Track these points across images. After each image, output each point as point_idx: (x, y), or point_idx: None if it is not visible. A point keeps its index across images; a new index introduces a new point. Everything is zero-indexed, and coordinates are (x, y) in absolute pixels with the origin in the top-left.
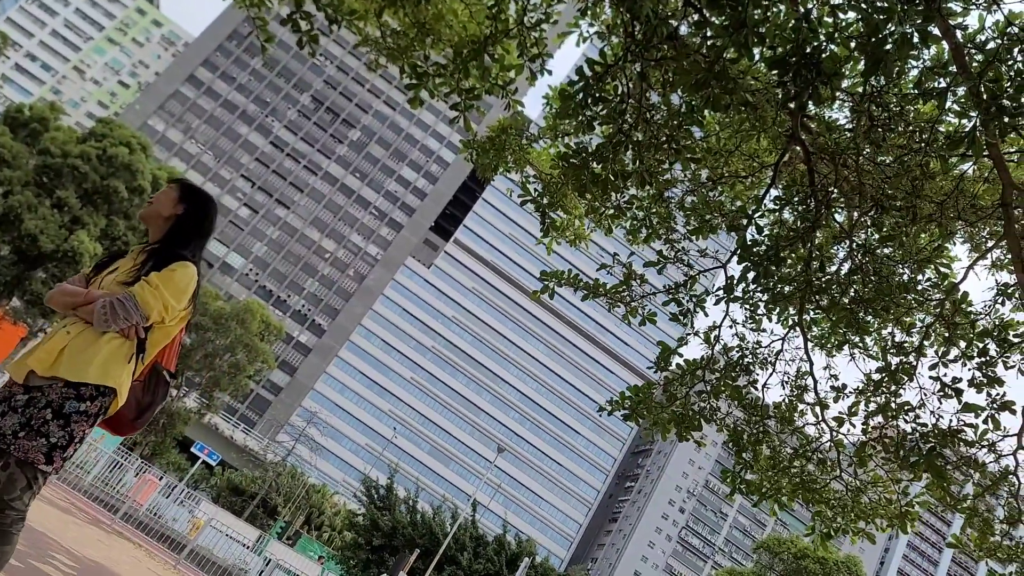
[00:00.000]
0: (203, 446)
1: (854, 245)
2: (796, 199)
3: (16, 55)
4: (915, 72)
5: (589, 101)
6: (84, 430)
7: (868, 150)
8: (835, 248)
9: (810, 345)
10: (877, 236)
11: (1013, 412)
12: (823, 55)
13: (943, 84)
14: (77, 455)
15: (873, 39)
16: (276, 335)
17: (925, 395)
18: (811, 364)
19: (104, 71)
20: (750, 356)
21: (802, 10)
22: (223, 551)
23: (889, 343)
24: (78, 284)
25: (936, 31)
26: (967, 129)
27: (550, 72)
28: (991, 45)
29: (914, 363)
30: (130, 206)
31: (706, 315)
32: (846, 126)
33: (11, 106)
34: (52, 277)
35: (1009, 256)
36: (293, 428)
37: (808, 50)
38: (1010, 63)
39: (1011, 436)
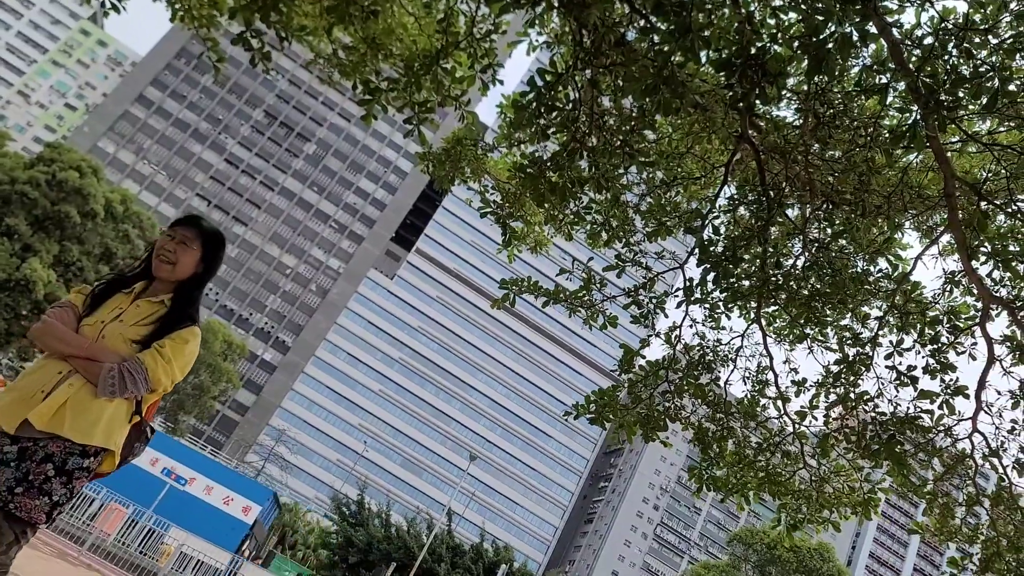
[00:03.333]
0: (169, 471)
1: (808, 240)
2: (749, 197)
3: None
4: (857, 70)
5: (542, 110)
6: (83, 485)
7: (816, 147)
8: (790, 243)
9: (769, 340)
10: (830, 231)
11: (967, 397)
12: (767, 56)
13: (884, 81)
14: None
15: (814, 39)
16: (239, 354)
17: (882, 384)
18: (771, 359)
19: (50, 94)
20: (711, 354)
21: (745, 12)
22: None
23: (846, 335)
24: (69, 319)
25: (874, 29)
26: (908, 123)
27: (501, 82)
28: (928, 41)
29: (870, 353)
30: (83, 231)
31: (666, 316)
32: (794, 124)
33: None
34: (5, 307)
35: (955, 244)
36: (262, 448)
37: (753, 51)
38: (945, 58)
39: (966, 420)
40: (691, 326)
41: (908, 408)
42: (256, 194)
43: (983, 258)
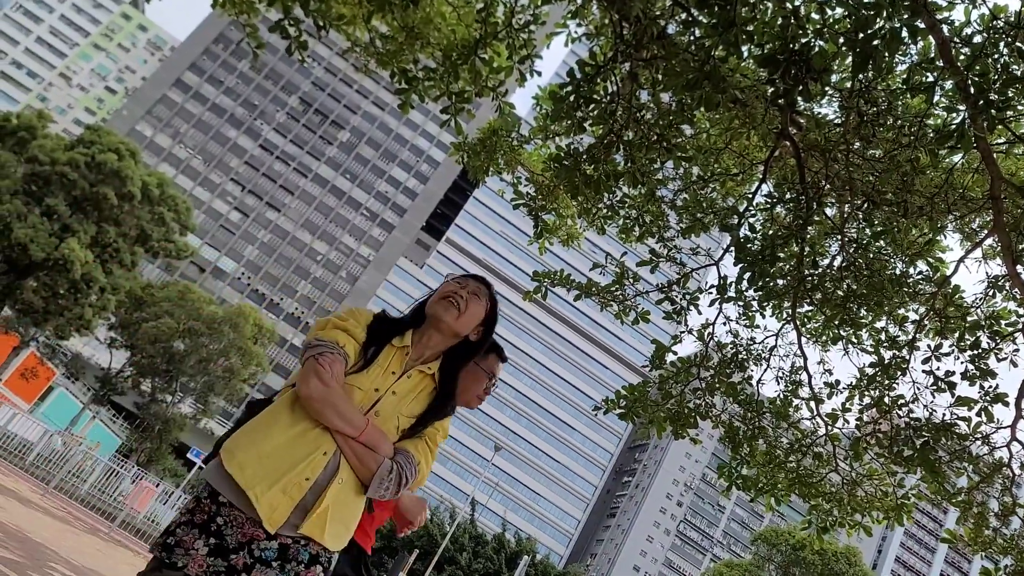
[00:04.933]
0: (199, 451)
1: (846, 240)
2: (787, 196)
3: (2, 63)
4: (903, 67)
5: (580, 102)
6: None
7: (858, 145)
8: (827, 243)
9: (804, 340)
10: (869, 231)
11: (1006, 404)
12: (812, 51)
13: (931, 79)
14: (73, 463)
15: (861, 35)
16: (270, 338)
17: (918, 389)
18: (805, 359)
19: (91, 77)
20: (744, 352)
21: (790, 7)
22: None
23: (882, 337)
24: (340, 373)
25: (923, 25)
26: (955, 123)
27: (539, 73)
28: (977, 39)
29: (907, 357)
30: (120, 213)
31: (699, 313)
32: (835, 121)
33: None
34: (43, 286)
35: (999, 247)
36: None
37: (797, 47)
38: (996, 57)
39: (1005, 428)
40: (724, 323)
41: (944, 414)
42: (290, 180)
43: None
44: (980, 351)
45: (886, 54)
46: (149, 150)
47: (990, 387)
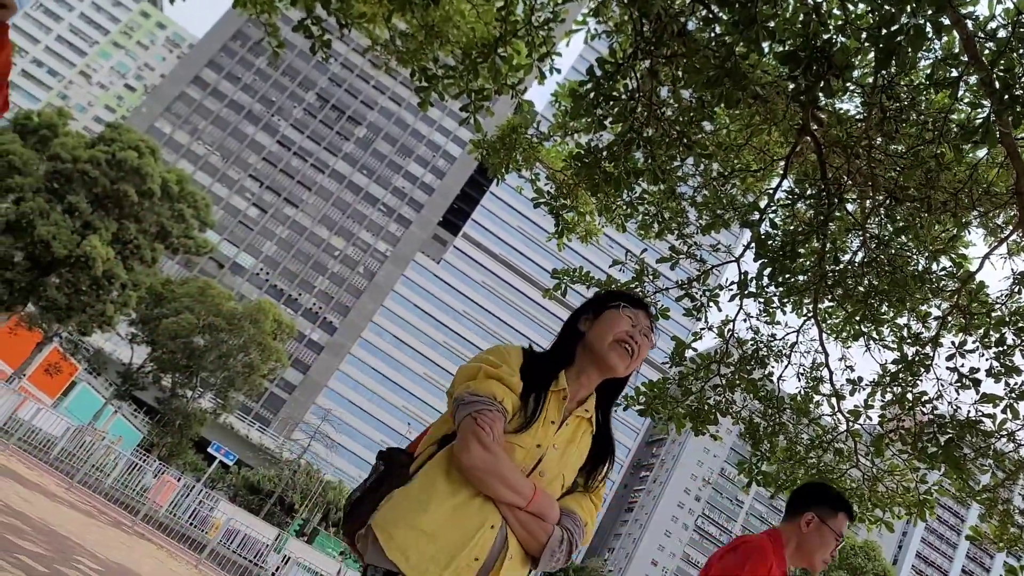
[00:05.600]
0: (219, 446)
1: (867, 236)
2: (808, 192)
3: (23, 61)
4: (926, 63)
5: (600, 100)
6: None
7: (880, 141)
8: (848, 239)
9: (825, 336)
10: (891, 227)
11: None
12: (834, 48)
13: (955, 74)
14: (95, 457)
15: (885, 31)
16: (288, 334)
17: (942, 386)
18: (826, 355)
19: (110, 75)
20: (765, 349)
21: (812, 3)
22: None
23: (905, 333)
24: (500, 432)
25: (947, 21)
26: (980, 119)
27: (559, 71)
28: (1002, 34)
29: (931, 353)
30: (140, 209)
31: (719, 309)
32: (857, 117)
33: (20, 113)
34: (66, 282)
35: None
36: (308, 426)
37: (818, 43)
38: (1021, 52)
39: None
40: (745, 320)
41: (969, 411)
42: (307, 176)
43: None
44: (1005, 347)
45: (910, 50)
46: (168, 147)
47: (1015, 384)
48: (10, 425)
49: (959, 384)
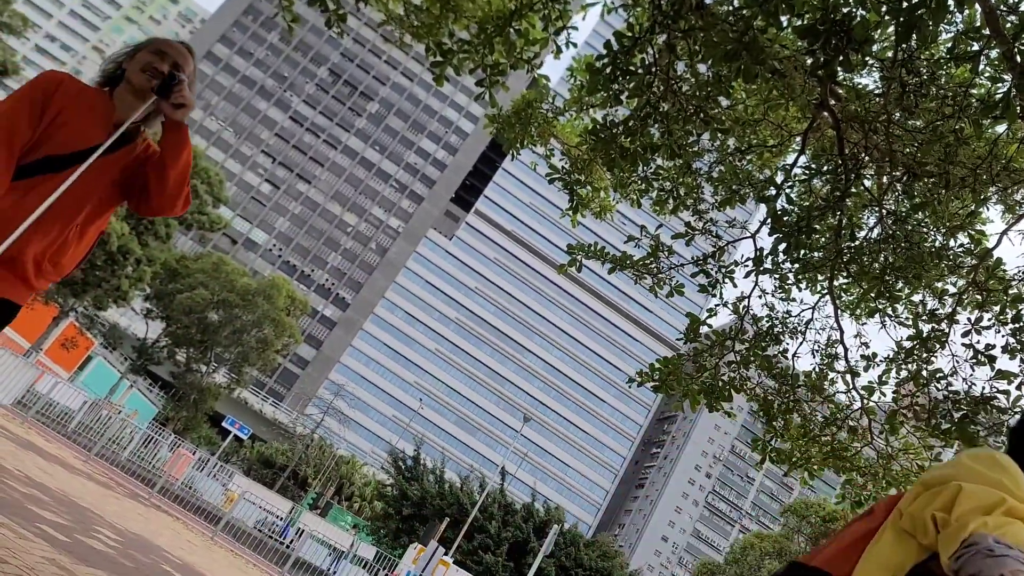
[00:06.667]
0: (234, 420)
1: (884, 212)
2: (825, 167)
3: (36, 36)
4: (947, 36)
5: (617, 74)
6: None
7: (899, 116)
8: (864, 215)
9: (840, 313)
10: (908, 203)
11: None
12: (853, 22)
13: (976, 48)
14: (112, 431)
15: (906, 3)
16: (302, 310)
17: (957, 362)
18: (841, 332)
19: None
20: (780, 326)
21: None
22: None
23: (921, 310)
24: None
25: None
26: (1001, 93)
27: (575, 44)
28: None
29: (946, 330)
30: None
31: (735, 286)
32: (876, 92)
33: None
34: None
35: None
36: (321, 401)
37: (837, 17)
38: None
39: None
40: (760, 296)
41: (984, 388)
42: (320, 152)
43: None
44: (1021, 324)
45: (931, 23)
46: None
47: None
48: (28, 398)
49: (974, 361)
